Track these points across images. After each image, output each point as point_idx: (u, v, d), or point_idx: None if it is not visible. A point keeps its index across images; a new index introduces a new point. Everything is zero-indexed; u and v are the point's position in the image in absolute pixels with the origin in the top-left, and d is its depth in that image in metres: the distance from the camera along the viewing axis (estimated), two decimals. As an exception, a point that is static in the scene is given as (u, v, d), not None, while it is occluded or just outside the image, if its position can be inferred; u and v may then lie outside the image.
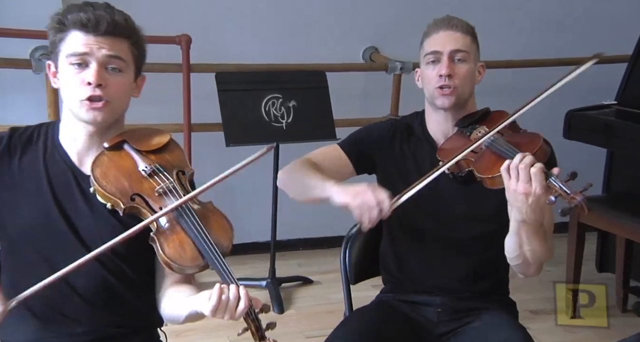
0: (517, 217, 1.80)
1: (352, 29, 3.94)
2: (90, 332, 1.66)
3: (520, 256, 1.91)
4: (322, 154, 2.18)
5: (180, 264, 1.53)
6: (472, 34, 2.09)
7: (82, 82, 1.54)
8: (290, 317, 3.35)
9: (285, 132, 3.34)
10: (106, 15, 1.56)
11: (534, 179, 1.73)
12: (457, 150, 1.96)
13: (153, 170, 1.63)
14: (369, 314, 2.19)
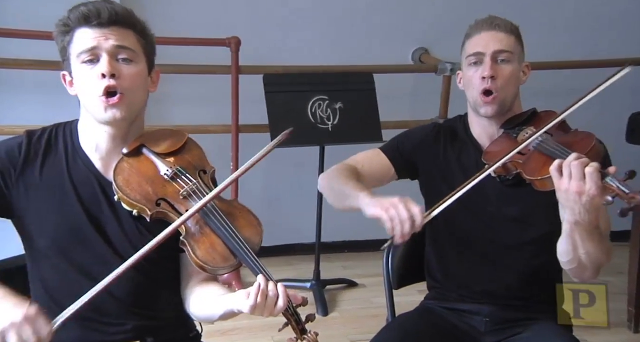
0: (570, 219, 1.74)
1: (401, 29, 3.91)
2: (129, 330, 1.67)
3: (574, 259, 1.85)
4: (363, 158, 2.17)
5: (214, 265, 1.53)
6: (516, 34, 2.05)
7: (97, 77, 1.54)
8: (334, 320, 3.34)
9: (331, 134, 3.32)
10: (106, 5, 1.57)
11: (588, 178, 1.66)
12: (504, 152, 1.93)
13: (175, 173, 1.64)
14: (411, 321, 2.16)
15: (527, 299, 2.09)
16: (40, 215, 1.65)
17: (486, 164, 1.94)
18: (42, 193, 1.65)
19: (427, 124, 2.29)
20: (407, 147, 2.16)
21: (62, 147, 1.69)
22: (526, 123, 2.04)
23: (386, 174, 2.12)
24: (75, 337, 1.63)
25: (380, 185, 2.13)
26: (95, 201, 1.65)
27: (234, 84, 3.38)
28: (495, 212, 2.04)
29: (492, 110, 1.98)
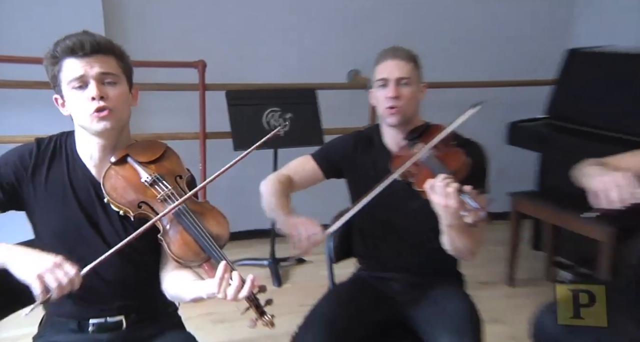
0: (444, 222, 1.91)
1: (339, 54, 3.99)
2: (115, 308, 1.73)
3: (454, 249, 2.01)
4: (297, 166, 2.24)
5: (186, 260, 1.58)
6: (414, 61, 2.15)
7: (87, 99, 1.57)
8: (287, 290, 3.48)
9: (283, 139, 3.23)
10: (88, 37, 1.60)
11: (449, 197, 1.81)
12: (405, 161, 2.02)
13: (153, 180, 1.66)
14: (346, 287, 2.31)
15: (431, 269, 2.25)
16: (45, 212, 1.70)
17: (391, 170, 2.03)
18: (47, 194, 1.69)
19: (349, 134, 2.34)
20: (331, 154, 2.26)
21: (64, 156, 1.73)
22: (421, 135, 2.13)
23: (316, 178, 2.23)
24: (72, 312, 1.72)
25: (314, 184, 2.27)
26: (90, 201, 1.70)
27: (201, 98, 3.48)
28: (403, 206, 2.15)
29: (396, 120, 2.10)
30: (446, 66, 3.84)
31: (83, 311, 1.71)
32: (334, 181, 2.29)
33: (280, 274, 3.58)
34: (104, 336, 1.74)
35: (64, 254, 1.60)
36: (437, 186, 1.83)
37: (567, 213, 3.30)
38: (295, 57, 3.96)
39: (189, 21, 3.72)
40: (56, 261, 1.44)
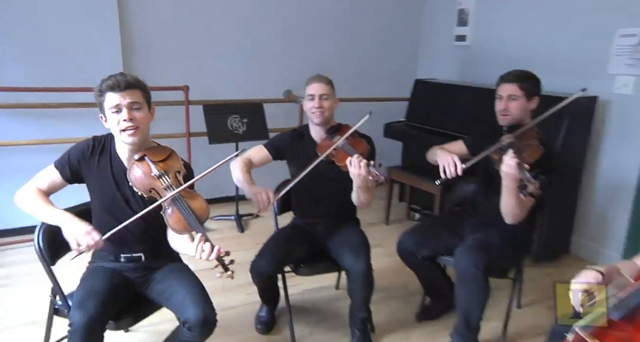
0: (355, 184, 2.06)
1: (278, 77, 4.00)
2: (138, 250, 1.80)
3: (358, 202, 2.16)
4: (254, 152, 2.26)
5: (178, 231, 1.63)
6: (330, 84, 2.22)
7: (120, 121, 1.65)
8: (247, 235, 3.47)
9: (241, 136, 3.47)
10: (122, 78, 1.64)
11: (362, 168, 1.95)
12: (326, 148, 2.11)
13: (160, 174, 1.69)
14: (286, 230, 2.37)
15: (341, 216, 2.32)
16: (95, 186, 1.78)
17: (319, 154, 2.11)
18: (97, 175, 1.76)
19: (288, 131, 2.33)
20: (277, 145, 2.27)
21: (109, 151, 1.78)
22: (336, 131, 2.21)
23: (267, 160, 2.28)
24: (111, 249, 1.78)
25: (265, 164, 2.27)
26: (122, 183, 1.75)
27: (186, 110, 3.50)
28: (325, 176, 2.19)
29: (319, 120, 2.19)
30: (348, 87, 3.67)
31: (117, 249, 1.79)
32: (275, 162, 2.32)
33: (242, 225, 3.59)
34: (131, 264, 1.81)
35: (107, 214, 1.75)
36: (354, 161, 1.97)
37: (418, 178, 3.46)
38: (250, 81, 3.94)
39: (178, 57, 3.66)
40: (87, 230, 1.56)
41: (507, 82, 2.08)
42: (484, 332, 2.23)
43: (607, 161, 3.08)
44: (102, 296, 1.60)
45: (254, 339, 2.26)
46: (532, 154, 1.92)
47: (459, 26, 4.08)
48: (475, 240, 2.11)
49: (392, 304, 2.60)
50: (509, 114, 2.07)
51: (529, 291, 2.72)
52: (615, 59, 2.96)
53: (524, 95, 2.06)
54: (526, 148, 1.94)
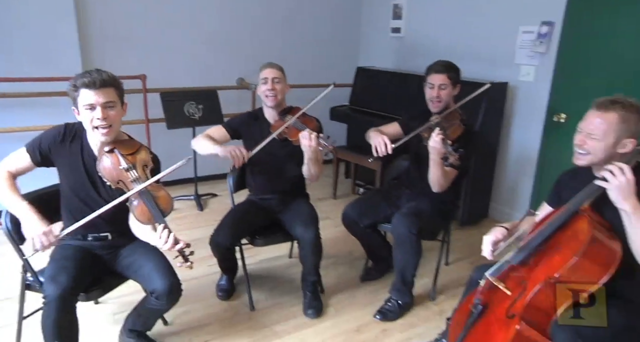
0: (307, 157, 2.10)
1: (232, 65, 3.94)
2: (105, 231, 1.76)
3: (309, 175, 2.20)
4: (213, 131, 2.26)
5: (142, 222, 1.60)
6: (281, 70, 2.24)
7: (94, 119, 1.57)
8: (206, 213, 3.45)
9: (198, 121, 3.42)
10: (98, 77, 1.55)
11: (313, 139, 2.01)
12: (279, 127, 2.16)
13: (128, 167, 1.63)
14: (242, 205, 2.35)
15: (292, 190, 2.34)
16: (65, 172, 1.71)
17: (271, 132, 2.16)
18: (67, 161, 1.69)
19: (244, 113, 2.34)
20: (234, 124, 2.27)
21: (79, 139, 1.70)
22: (288, 112, 2.25)
23: (226, 138, 2.26)
24: (80, 230, 1.64)
25: (225, 142, 2.25)
26: (93, 172, 1.69)
27: (144, 98, 3.44)
28: (277, 153, 2.23)
29: (272, 103, 2.20)
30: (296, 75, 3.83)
31: (84, 230, 1.71)
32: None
33: (202, 203, 3.59)
34: (98, 243, 1.78)
35: (76, 199, 1.69)
36: (305, 134, 2.02)
37: (361, 157, 3.54)
38: (205, 70, 3.87)
39: (135, 47, 3.54)
40: (44, 230, 1.51)
41: (437, 72, 2.17)
42: (417, 287, 2.38)
43: (516, 138, 3.31)
44: (72, 270, 1.59)
45: (215, 305, 2.30)
46: (454, 132, 2.06)
47: (394, 19, 4.16)
48: (409, 208, 2.23)
49: (339, 268, 2.70)
50: (440, 101, 2.18)
51: (455, 251, 2.91)
52: (519, 51, 3.17)
53: (451, 83, 2.18)
54: (450, 126, 2.07)
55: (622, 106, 1.39)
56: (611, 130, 1.39)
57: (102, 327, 2.10)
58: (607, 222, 1.44)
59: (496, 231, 1.61)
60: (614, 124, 1.39)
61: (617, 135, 1.40)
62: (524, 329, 1.39)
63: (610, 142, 1.40)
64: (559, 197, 1.65)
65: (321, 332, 2.11)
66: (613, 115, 1.39)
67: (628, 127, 1.39)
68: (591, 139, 1.42)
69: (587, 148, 1.43)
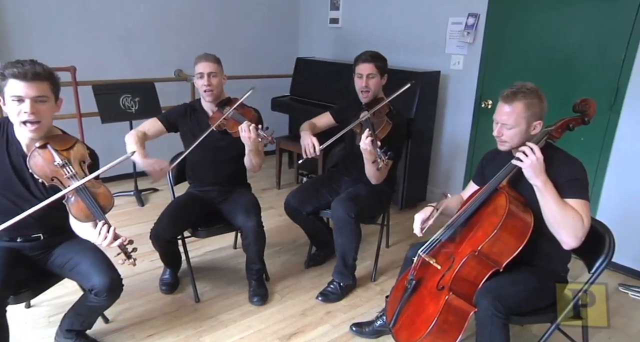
0: (247, 149, 2.08)
1: (170, 57, 3.85)
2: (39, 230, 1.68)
3: (250, 165, 2.19)
4: (149, 125, 2.19)
5: (80, 220, 1.54)
6: (218, 62, 2.17)
7: (21, 112, 1.46)
8: (148, 208, 3.36)
9: (134, 114, 3.32)
10: (30, 69, 1.44)
11: (252, 132, 1.98)
12: (217, 119, 2.11)
13: (64, 163, 1.55)
14: (182, 198, 2.31)
15: (232, 182, 2.32)
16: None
17: (211, 125, 2.11)
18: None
19: (181, 104, 2.29)
20: (171, 117, 2.23)
21: (5, 134, 1.60)
22: (227, 103, 2.18)
23: (162, 132, 2.20)
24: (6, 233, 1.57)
25: (159, 136, 2.20)
26: (21, 169, 1.60)
27: (75, 91, 3.24)
28: (217, 145, 2.20)
29: (210, 97, 2.14)
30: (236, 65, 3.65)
31: (14, 232, 1.64)
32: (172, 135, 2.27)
33: (142, 199, 3.51)
34: (28, 244, 1.69)
35: (3, 198, 1.57)
36: (244, 127, 1.99)
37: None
38: (140, 61, 3.74)
39: (62, 38, 3.35)
40: None
41: (364, 62, 2.22)
42: (360, 269, 2.47)
43: (449, 124, 3.48)
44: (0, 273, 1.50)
45: (159, 299, 2.26)
46: (383, 130, 2.11)
47: (332, 10, 4.21)
48: (347, 193, 2.30)
49: (284, 256, 2.73)
50: (369, 91, 2.22)
51: (395, 234, 3.03)
52: (449, 41, 3.33)
53: (379, 73, 2.23)
54: (379, 124, 2.11)
55: (524, 95, 1.53)
56: (520, 118, 1.53)
57: (36, 331, 2.01)
58: (523, 197, 1.57)
59: (426, 210, 1.71)
60: (521, 112, 1.53)
61: (526, 121, 1.54)
62: (452, 299, 1.50)
63: (523, 128, 1.54)
64: (482, 174, 1.79)
65: (267, 318, 2.15)
66: (518, 105, 1.53)
67: (533, 111, 1.54)
68: (506, 129, 1.55)
69: (504, 138, 1.57)
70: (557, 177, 1.49)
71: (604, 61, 2.57)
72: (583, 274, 1.63)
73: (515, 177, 1.58)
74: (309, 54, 4.39)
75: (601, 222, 1.64)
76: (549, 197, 1.45)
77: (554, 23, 2.75)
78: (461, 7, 3.19)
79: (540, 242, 1.52)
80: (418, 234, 1.67)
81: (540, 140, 1.53)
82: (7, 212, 1.51)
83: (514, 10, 2.93)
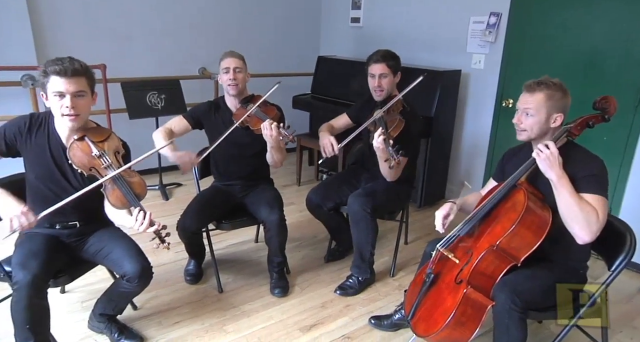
0: (269, 146, 2.13)
1: (194, 55, 3.93)
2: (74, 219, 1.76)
3: (272, 161, 2.22)
4: (174, 122, 2.25)
5: (117, 207, 1.61)
6: (243, 59, 2.22)
7: (62, 106, 1.55)
8: (172, 203, 3.44)
9: (160, 111, 3.39)
10: (70, 66, 1.53)
11: (274, 129, 2.03)
12: (242, 116, 2.13)
13: (100, 154, 1.63)
14: (207, 191, 2.37)
15: (256, 176, 2.37)
16: (31, 161, 1.69)
17: (234, 121, 2.14)
18: (33, 150, 1.66)
19: (205, 102, 2.31)
20: (196, 114, 2.28)
21: (45, 127, 1.67)
22: (250, 100, 2.23)
23: (187, 129, 2.27)
24: (47, 219, 1.63)
25: (186, 133, 2.25)
26: (61, 160, 1.67)
27: (104, 88, 3.32)
28: (241, 141, 2.24)
29: (234, 92, 2.19)
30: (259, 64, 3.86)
31: (52, 219, 1.71)
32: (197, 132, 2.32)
33: (167, 193, 3.58)
34: (65, 231, 1.77)
35: (45, 188, 1.66)
36: (266, 125, 2.04)
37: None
38: (166, 59, 3.82)
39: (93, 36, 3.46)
40: (23, 210, 1.47)
41: (376, 62, 2.24)
42: (378, 265, 2.52)
43: (469, 123, 3.48)
44: (41, 256, 1.60)
45: (184, 289, 2.34)
46: (396, 128, 2.11)
47: (354, 9, 4.24)
48: (363, 189, 2.34)
49: (304, 250, 2.79)
50: (383, 90, 2.25)
51: (414, 231, 3.06)
52: (471, 40, 3.33)
53: (391, 72, 2.25)
54: (391, 123, 2.12)
55: (547, 86, 1.57)
56: (541, 106, 1.56)
57: (70, 314, 2.11)
58: (541, 193, 1.59)
59: (445, 206, 1.73)
60: (542, 101, 1.56)
61: (547, 111, 1.56)
62: (470, 292, 1.53)
63: (543, 117, 1.57)
64: (503, 171, 1.81)
65: (288, 309, 2.20)
66: (539, 94, 1.57)
67: (555, 103, 1.57)
68: (526, 117, 1.58)
69: (523, 126, 1.59)
70: (575, 172, 1.50)
71: (629, 59, 2.54)
72: (604, 274, 1.62)
73: (534, 174, 1.59)
74: (330, 53, 4.42)
75: (622, 220, 1.63)
76: (564, 190, 1.46)
77: (577, 21, 2.74)
78: (483, 6, 3.19)
79: (559, 238, 1.53)
80: (440, 230, 1.69)
81: (559, 137, 1.55)
82: (47, 201, 1.59)
83: (537, 9, 2.92)
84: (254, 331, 2.03)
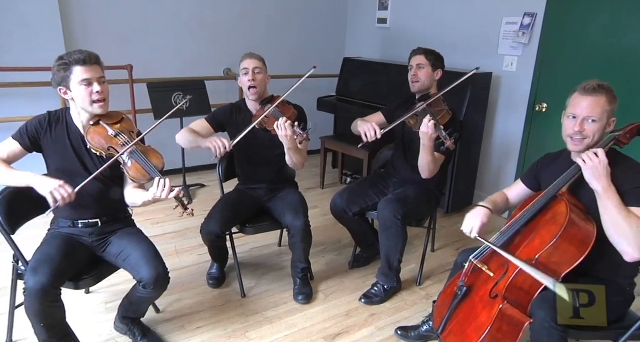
0: (285, 147, 2.08)
1: (219, 56, 3.95)
2: (94, 212, 1.79)
3: (292, 163, 2.17)
4: (197, 124, 2.25)
5: (138, 179, 1.68)
6: (262, 60, 2.23)
7: (92, 93, 1.65)
8: (196, 203, 3.44)
9: (185, 112, 3.37)
10: (89, 54, 1.63)
11: (288, 129, 1.99)
12: (260, 117, 2.10)
13: (116, 133, 1.71)
14: (231, 194, 2.37)
15: (280, 180, 2.35)
16: (52, 154, 1.73)
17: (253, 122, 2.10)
18: (54, 144, 1.71)
19: (227, 105, 2.33)
20: (218, 117, 2.29)
21: (63, 122, 1.74)
22: (269, 101, 2.21)
23: (210, 132, 2.24)
24: (69, 215, 1.76)
25: (210, 135, 2.21)
26: (80, 149, 1.74)
27: (131, 88, 3.42)
28: (261, 143, 2.23)
29: (254, 96, 2.20)
30: (284, 65, 3.97)
31: (75, 215, 1.77)
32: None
33: (190, 194, 3.61)
34: (88, 229, 1.79)
35: (65, 179, 1.64)
36: (280, 124, 2.01)
37: (348, 146, 3.55)
38: (192, 60, 3.85)
39: (120, 37, 3.51)
40: (60, 183, 1.55)
41: (415, 54, 2.28)
42: (405, 273, 2.46)
43: (500, 127, 3.38)
44: (55, 261, 1.59)
45: (207, 293, 2.32)
46: (444, 118, 2.09)
47: (380, 10, 4.19)
48: (394, 194, 2.28)
49: (328, 256, 2.74)
50: (418, 81, 2.24)
51: (442, 238, 2.99)
52: (503, 42, 3.23)
53: (430, 64, 2.24)
54: (439, 113, 2.09)
55: (606, 90, 1.49)
56: (604, 110, 1.47)
57: (95, 316, 2.12)
58: (584, 205, 1.50)
59: (480, 213, 1.64)
60: (605, 104, 1.47)
61: (607, 117, 1.49)
62: (507, 308, 1.45)
63: (604, 123, 1.49)
64: (535, 177, 1.72)
65: (311, 317, 2.16)
66: (602, 98, 1.47)
67: (613, 108, 1.49)
68: (589, 123, 1.48)
69: (587, 133, 1.48)
70: (621, 184, 1.41)
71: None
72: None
73: (576, 185, 1.50)
74: (356, 54, 4.38)
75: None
76: (610, 203, 1.38)
77: (617, 22, 2.62)
78: (517, 7, 3.09)
79: (602, 253, 1.45)
80: (473, 237, 1.60)
81: (607, 145, 1.46)
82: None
83: (574, 9, 2.81)
84: (277, 339, 2.00)
